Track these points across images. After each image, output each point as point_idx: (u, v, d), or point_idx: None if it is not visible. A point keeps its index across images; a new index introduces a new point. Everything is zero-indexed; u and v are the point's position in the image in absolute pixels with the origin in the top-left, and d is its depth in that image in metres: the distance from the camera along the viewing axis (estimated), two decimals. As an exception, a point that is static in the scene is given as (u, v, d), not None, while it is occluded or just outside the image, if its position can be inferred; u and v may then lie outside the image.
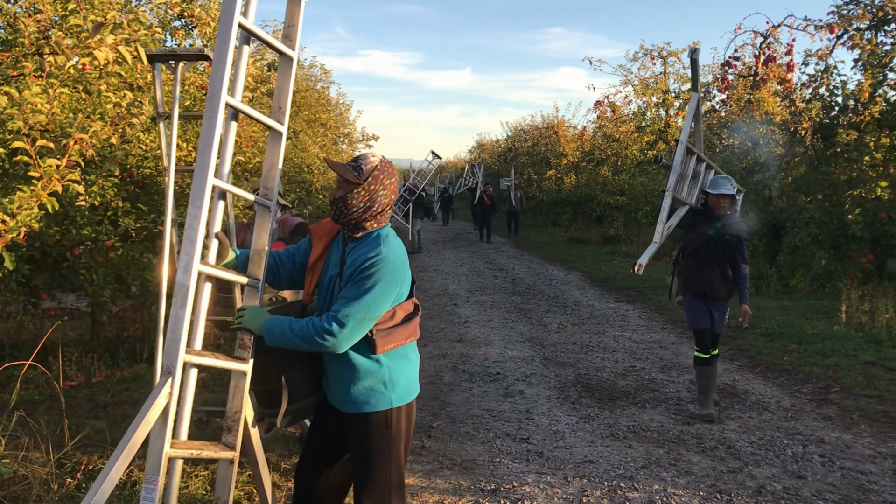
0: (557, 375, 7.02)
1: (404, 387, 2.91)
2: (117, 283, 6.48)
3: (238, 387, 2.78)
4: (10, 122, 4.47)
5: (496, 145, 43.88)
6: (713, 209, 5.82)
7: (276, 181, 2.89)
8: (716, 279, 5.76)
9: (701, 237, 5.82)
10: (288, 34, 2.94)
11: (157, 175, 6.72)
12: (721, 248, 5.77)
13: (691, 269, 5.88)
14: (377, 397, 2.85)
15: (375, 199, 2.82)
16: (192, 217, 2.52)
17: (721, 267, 5.77)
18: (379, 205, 2.84)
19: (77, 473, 4.15)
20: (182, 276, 2.50)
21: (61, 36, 4.68)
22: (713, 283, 5.76)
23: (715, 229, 5.79)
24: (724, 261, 5.77)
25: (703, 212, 5.93)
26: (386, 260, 2.73)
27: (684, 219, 5.92)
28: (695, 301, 5.86)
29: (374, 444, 2.87)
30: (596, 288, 12.99)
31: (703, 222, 5.86)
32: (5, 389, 5.73)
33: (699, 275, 5.82)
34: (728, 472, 4.71)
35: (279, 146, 2.92)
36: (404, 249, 2.92)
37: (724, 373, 7.09)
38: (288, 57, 2.92)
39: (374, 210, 2.83)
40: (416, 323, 2.94)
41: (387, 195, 2.86)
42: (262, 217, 2.90)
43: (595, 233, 22.72)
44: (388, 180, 2.86)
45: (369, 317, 2.71)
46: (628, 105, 22.77)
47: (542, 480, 4.56)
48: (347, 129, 25.52)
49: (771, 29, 16.18)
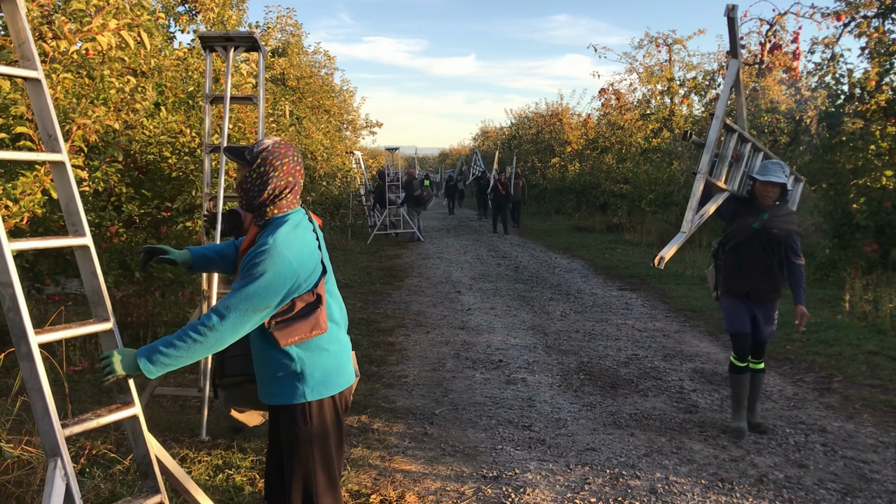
0: (560, 363, 7.02)
1: (320, 380, 2.80)
2: (121, 268, 6.49)
3: (136, 430, 2.59)
4: (14, 106, 4.46)
5: (500, 133, 43.78)
6: (759, 198, 5.09)
7: (79, 214, 2.57)
8: (760, 278, 5.09)
9: (744, 230, 5.12)
10: (24, 53, 2.50)
11: (161, 161, 6.72)
12: (768, 244, 5.05)
13: (732, 266, 5.21)
14: (290, 390, 2.78)
15: (268, 182, 2.74)
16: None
17: (766, 264, 5.08)
18: (274, 187, 2.75)
19: (81, 458, 4.17)
20: (25, 349, 2.28)
21: (64, 21, 4.66)
22: (757, 282, 5.09)
23: (761, 221, 5.07)
24: (770, 258, 5.07)
25: (748, 200, 5.21)
26: (274, 249, 2.61)
27: (724, 207, 5.16)
28: (735, 301, 5.19)
29: (292, 438, 2.81)
30: (599, 276, 12.98)
31: (748, 213, 5.15)
32: (9, 374, 5.75)
33: (741, 272, 5.15)
34: (730, 460, 4.71)
35: (66, 177, 2.55)
36: (308, 237, 2.79)
37: (726, 361, 7.07)
38: (35, 80, 2.50)
39: (269, 192, 2.75)
40: (320, 315, 2.76)
41: (280, 176, 2.75)
42: (83, 257, 2.62)
43: (599, 221, 22.68)
44: (279, 161, 2.76)
45: (253, 308, 2.59)
46: (633, 93, 22.75)
47: (545, 468, 4.57)
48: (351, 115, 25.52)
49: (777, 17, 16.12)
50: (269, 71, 12.67)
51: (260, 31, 14.47)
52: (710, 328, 8.54)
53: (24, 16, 2.45)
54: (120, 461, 4.20)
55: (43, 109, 2.49)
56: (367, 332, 8.17)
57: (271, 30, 16.84)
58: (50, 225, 5.91)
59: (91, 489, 3.80)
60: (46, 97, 2.48)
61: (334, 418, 2.86)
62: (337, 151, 17.38)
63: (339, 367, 2.89)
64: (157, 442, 2.63)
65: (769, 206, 5.09)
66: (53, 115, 2.50)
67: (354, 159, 21.23)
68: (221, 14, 9.47)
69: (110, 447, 4.42)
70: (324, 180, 13.82)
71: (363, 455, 4.70)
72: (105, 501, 3.72)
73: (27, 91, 2.51)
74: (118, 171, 6.14)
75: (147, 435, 2.58)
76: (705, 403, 5.84)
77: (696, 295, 10.61)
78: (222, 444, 4.73)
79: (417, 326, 8.70)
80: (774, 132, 14.31)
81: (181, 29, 9.16)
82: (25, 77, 2.45)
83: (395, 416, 5.49)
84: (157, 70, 6.97)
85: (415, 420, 5.43)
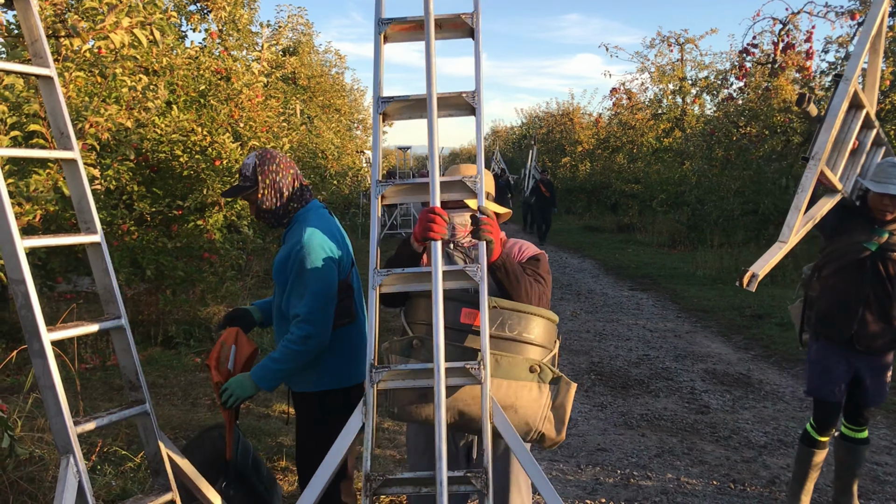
0: (571, 363, 7.00)
1: (334, 370, 2.89)
2: (132, 266, 6.51)
3: (147, 428, 2.59)
4: (27, 105, 4.48)
5: (511, 132, 43.72)
6: (874, 212, 3.64)
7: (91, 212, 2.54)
8: (871, 319, 3.65)
9: (853, 250, 3.66)
10: (36, 51, 2.47)
11: (172, 159, 6.73)
12: (885, 272, 3.62)
13: (831, 300, 3.77)
14: (305, 377, 2.88)
15: (281, 186, 2.85)
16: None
17: (881, 301, 3.64)
18: (285, 186, 2.86)
19: (92, 456, 4.18)
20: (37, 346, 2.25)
21: (77, 19, 4.67)
22: (865, 324, 3.66)
23: (878, 241, 3.61)
24: (886, 291, 3.63)
25: (859, 211, 3.75)
26: (310, 241, 2.74)
27: (829, 216, 3.61)
28: (830, 351, 3.76)
29: (306, 421, 2.92)
30: (610, 276, 12.94)
31: (858, 227, 3.69)
32: (21, 371, 5.78)
33: (844, 309, 3.70)
34: (742, 461, 4.69)
35: (78, 174, 2.54)
36: (332, 223, 2.92)
37: (738, 362, 7.04)
38: (47, 78, 2.49)
39: (289, 195, 2.87)
40: (349, 305, 2.91)
41: (287, 176, 2.87)
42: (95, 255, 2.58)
43: (609, 220, 22.61)
44: (273, 164, 2.86)
45: (325, 298, 2.73)
46: (644, 92, 22.67)
47: (555, 468, 4.55)
48: (362, 114, 25.51)
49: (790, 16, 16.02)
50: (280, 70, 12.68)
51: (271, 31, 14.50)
52: (721, 328, 8.49)
53: (36, 14, 2.46)
54: (131, 458, 4.21)
55: (55, 107, 2.49)
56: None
57: (282, 28, 16.87)
58: (62, 222, 5.93)
59: (102, 486, 3.80)
60: (59, 95, 2.48)
61: (348, 412, 2.87)
62: (347, 150, 17.39)
63: (355, 360, 2.93)
64: (168, 439, 2.63)
65: (889, 220, 3.63)
66: (66, 113, 2.49)
67: (365, 158, 21.25)
68: (233, 13, 9.50)
69: (121, 444, 4.43)
70: (334, 179, 13.82)
71: (375, 455, 4.69)
72: (116, 498, 3.73)
73: (40, 89, 2.51)
74: (130, 170, 6.16)
75: (158, 432, 2.58)
76: (717, 404, 5.81)
77: (708, 295, 10.56)
78: (233, 443, 4.73)
79: (428, 325, 8.68)
80: (787, 132, 14.23)
81: (193, 28, 9.19)
82: (38, 75, 2.45)
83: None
84: (168, 69, 6.98)
85: (425, 419, 5.42)
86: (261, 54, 8.40)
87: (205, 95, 7.49)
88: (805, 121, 3.29)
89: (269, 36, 14.59)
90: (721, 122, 15.81)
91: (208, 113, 7.21)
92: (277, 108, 8.89)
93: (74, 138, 2.51)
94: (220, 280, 7.25)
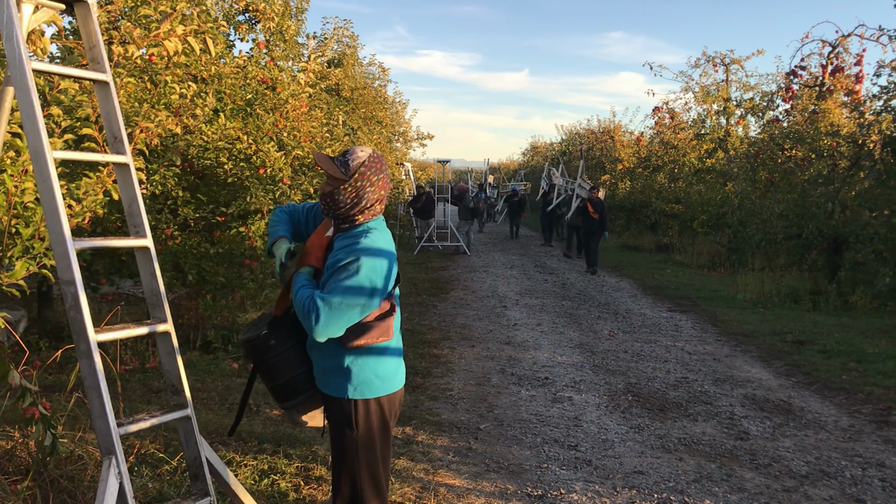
0: (607, 383, 6.92)
1: (364, 381, 2.84)
2: (174, 270, 6.59)
3: (188, 432, 2.61)
4: (80, 108, 4.57)
5: (550, 148, 43.59)
6: None
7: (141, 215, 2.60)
8: None
9: None
10: (94, 56, 2.54)
11: (217, 167, 6.82)
12: None
13: None
14: (336, 383, 2.84)
15: (363, 196, 2.83)
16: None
17: None
18: (367, 200, 2.84)
19: (130, 457, 4.22)
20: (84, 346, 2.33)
21: (130, 27, 4.76)
22: None
23: None
24: None
25: None
26: (368, 250, 2.73)
27: None
28: None
29: (338, 429, 2.87)
30: (648, 296, 12.79)
31: None
32: (64, 370, 5.87)
33: None
34: (783, 490, 4.57)
35: (130, 179, 2.59)
36: (391, 243, 2.90)
37: (778, 388, 6.90)
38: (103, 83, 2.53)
39: (362, 205, 2.85)
40: (390, 323, 2.87)
41: (375, 191, 2.86)
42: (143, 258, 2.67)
43: (648, 240, 22.38)
44: (376, 176, 2.85)
45: (348, 302, 2.69)
46: (688, 112, 22.48)
47: (590, 489, 4.49)
48: (402, 127, 25.65)
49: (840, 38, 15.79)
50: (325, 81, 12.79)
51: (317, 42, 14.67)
52: (762, 353, 8.33)
53: (96, 20, 2.50)
54: (168, 461, 4.24)
55: (110, 112, 2.53)
56: (412, 344, 8.16)
57: (328, 40, 17.04)
58: (107, 225, 6.03)
59: (139, 488, 3.84)
60: (114, 100, 2.52)
61: (380, 423, 2.88)
62: (388, 162, 17.49)
63: (387, 372, 2.91)
64: (207, 444, 2.64)
65: None
66: (120, 118, 2.54)
67: (404, 170, 21.33)
68: (280, 24, 9.61)
69: (158, 447, 4.47)
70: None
71: (407, 467, 4.68)
72: (153, 501, 3.76)
73: (95, 93, 2.55)
74: (175, 175, 6.25)
75: (199, 437, 2.59)
76: (756, 431, 5.69)
77: (748, 319, 10.37)
78: (268, 450, 4.75)
79: (463, 340, 8.66)
80: (834, 155, 13.98)
81: (241, 37, 9.33)
82: (95, 79, 2.50)
83: (439, 430, 5.45)
84: (216, 77, 7.09)
85: (459, 434, 5.39)
86: (307, 65, 8.48)
87: (251, 104, 7.58)
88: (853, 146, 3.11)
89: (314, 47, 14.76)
90: (766, 144, 15.59)
91: (254, 121, 7.29)
92: (321, 118, 8.97)
93: (127, 143, 2.54)
94: (260, 287, 7.31)
